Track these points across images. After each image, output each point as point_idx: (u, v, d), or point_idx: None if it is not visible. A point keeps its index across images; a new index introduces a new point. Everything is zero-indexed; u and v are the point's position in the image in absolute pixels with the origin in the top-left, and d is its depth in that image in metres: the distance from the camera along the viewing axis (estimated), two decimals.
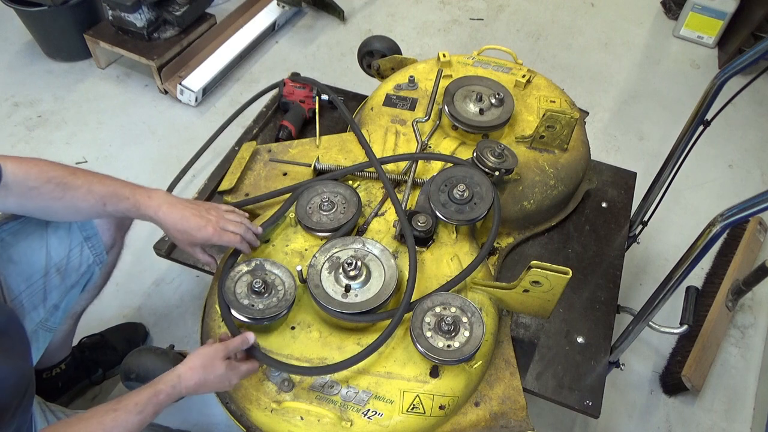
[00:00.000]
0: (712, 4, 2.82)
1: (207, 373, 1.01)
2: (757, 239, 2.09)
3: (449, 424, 1.17)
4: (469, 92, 1.52)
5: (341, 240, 1.24)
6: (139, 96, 2.51)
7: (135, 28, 2.37)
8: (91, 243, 1.27)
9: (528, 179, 1.45)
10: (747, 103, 2.70)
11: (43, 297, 1.20)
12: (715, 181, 2.39)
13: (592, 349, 1.35)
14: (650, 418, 1.75)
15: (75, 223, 1.23)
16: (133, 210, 1.11)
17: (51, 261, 1.21)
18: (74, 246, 1.24)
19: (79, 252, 1.25)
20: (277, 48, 2.80)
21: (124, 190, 1.11)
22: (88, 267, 1.28)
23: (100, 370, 1.63)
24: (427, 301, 1.16)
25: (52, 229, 1.21)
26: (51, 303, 1.22)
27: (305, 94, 1.76)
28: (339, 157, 1.51)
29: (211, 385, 1.03)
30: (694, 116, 1.43)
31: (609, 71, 2.82)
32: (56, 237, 1.21)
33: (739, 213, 0.99)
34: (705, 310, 1.85)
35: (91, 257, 1.28)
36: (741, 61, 1.30)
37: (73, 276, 1.26)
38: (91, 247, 1.27)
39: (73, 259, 1.25)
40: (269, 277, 1.18)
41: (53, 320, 1.24)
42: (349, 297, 1.17)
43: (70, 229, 1.23)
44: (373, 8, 3.05)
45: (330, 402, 1.11)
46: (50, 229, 1.21)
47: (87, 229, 1.25)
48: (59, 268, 1.22)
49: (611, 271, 1.49)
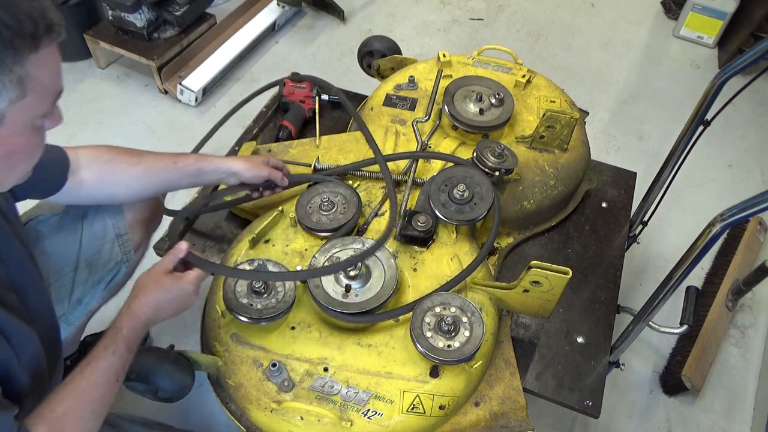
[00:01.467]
0: (712, 4, 2.82)
1: (156, 292, 1.01)
2: (757, 239, 2.09)
3: (449, 424, 1.17)
4: (469, 92, 1.52)
5: (341, 240, 1.24)
6: (139, 96, 2.51)
7: (135, 28, 2.37)
8: (121, 240, 1.29)
9: (528, 179, 1.45)
10: (747, 103, 2.70)
11: (70, 290, 1.22)
12: (715, 181, 2.39)
13: (592, 349, 1.35)
14: (650, 418, 1.75)
15: (109, 220, 1.26)
16: (204, 165, 1.22)
17: (82, 255, 1.23)
18: (106, 242, 1.27)
19: (110, 249, 1.27)
20: (277, 48, 2.80)
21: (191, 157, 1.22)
22: (115, 264, 1.30)
23: None
24: (427, 301, 1.16)
25: (87, 224, 1.24)
26: (75, 297, 1.24)
27: (305, 94, 1.76)
28: (339, 157, 1.51)
29: (167, 303, 1.02)
30: (694, 116, 1.43)
31: (609, 71, 2.82)
32: (90, 232, 1.24)
33: (739, 213, 0.99)
34: (705, 310, 1.85)
35: (120, 254, 1.30)
36: (741, 61, 1.30)
37: (101, 272, 1.28)
38: (121, 244, 1.29)
39: (104, 255, 1.27)
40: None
41: (75, 314, 1.26)
42: (350, 297, 1.17)
43: (105, 225, 1.26)
44: (373, 8, 3.05)
45: (330, 402, 1.11)
46: (86, 223, 1.24)
47: (119, 226, 1.28)
48: (89, 263, 1.24)
49: (611, 271, 1.49)
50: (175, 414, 1.60)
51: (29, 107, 0.76)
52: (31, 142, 0.80)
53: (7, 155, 0.78)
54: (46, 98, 0.78)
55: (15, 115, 0.75)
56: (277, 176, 1.30)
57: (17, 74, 0.72)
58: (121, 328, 0.98)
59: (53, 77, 0.78)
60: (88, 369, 0.93)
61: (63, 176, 1.10)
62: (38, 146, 0.83)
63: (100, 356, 0.95)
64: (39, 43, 0.73)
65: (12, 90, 0.72)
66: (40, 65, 0.74)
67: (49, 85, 0.77)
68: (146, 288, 1.02)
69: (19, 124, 0.76)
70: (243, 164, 1.25)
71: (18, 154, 0.80)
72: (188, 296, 1.05)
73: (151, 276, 1.03)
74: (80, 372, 0.93)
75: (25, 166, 0.83)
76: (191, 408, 1.64)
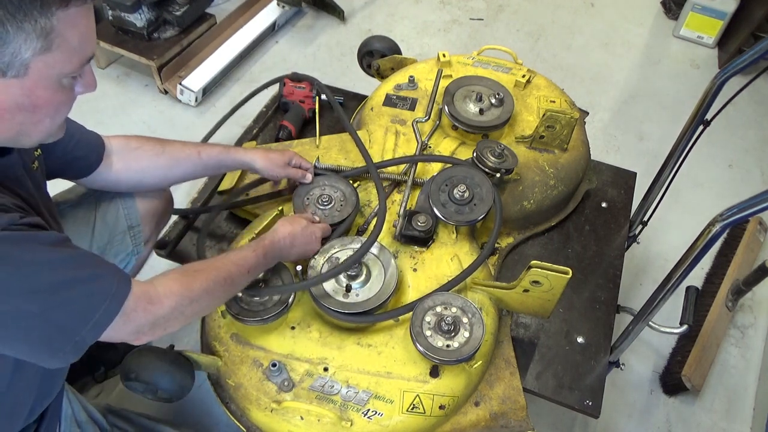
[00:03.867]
0: (712, 4, 2.81)
1: (294, 226, 1.17)
2: (757, 239, 2.09)
3: (449, 423, 1.17)
4: (469, 92, 1.52)
5: (339, 240, 1.24)
6: (139, 96, 2.51)
7: (135, 28, 2.37)
8: (133, 233, 1.30)
9: (528, 179, 1.45)
10: (747, 103, 2.70)
11: None
12: (715, 181, 2.39)
13: (592, 349, 1.35)
14: (650, 418, 1.75)
15: (122, 211, 1.28)
16: (226, 158, 1.28)
17: (94, 244, 1.25)
18: (118, 233, 1.28)
19: (121, 240, 1.29)
20: (277, 48, 2.79)
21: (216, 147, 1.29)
22: (126, 255, 1.31)
23: (103, 368, 1.64)
24: (428, 301, 1.16)
25: (100, 214, 1.25)
26: None
27: (305, 94, 1.76)
28: (339, 157, 1.51)
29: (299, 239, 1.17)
30: (694, 116, 1.43)
31: (609, 71, 2.82)
32: (103, 222, 1.25)
33: (738, 213, 0.99)
34: (705, 310, 1.85)
35: (130, 246, 1.31)
36: (741, 61, 1.30)
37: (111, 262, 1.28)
38: (132, 236, 1.31)
39: (115, 246, 1.28)
40: (268, 276, 1.18)
41: None
42: (350, 297, 1.17)
43: (118, 215, 1.27)
44: (373, 8, 3.05)
45: (330, 402, 1.11)
46: (98, 213, 1.25)
47: (132, 218, 1.30)
48: (101, 252, 1.26)
49: (611, 271, 1.49)
50: (175, 414, 1.60)
51: (55, 63, 0.77)
52: (55, 99, 0.81)
53: (31, 107, 0.79)
54: (74, 58, 0.79)
55: (39, 68, 0.76)
56: (296, 175, 1.34)
57: (42, 25, 0.73)
58: (264, 238, 1.12)
59: (83, 39, 0.79)
60: (230, 252, 1.07)
61: (99, 158, 1.15)
62: (64, 104, 0.84)
63: (242, 248, 1.09)
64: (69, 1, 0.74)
65: (36, 41, 0.73)
66: (69, 23, 0.75)
67: (77, 45, 0.78)
68: (285, 222, 1.18)
69: (44, 78, 0.77)
70: (263, 161, 1.30)
71: (42, 108, 0.81)
72: (315, 240, 1.21)
73: (290, 218, 1.21)
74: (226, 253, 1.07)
75: (51, 123, 0.84)
76: (191, 408, 1.64)
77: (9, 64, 0.74)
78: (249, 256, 1.06)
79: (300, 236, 1.17)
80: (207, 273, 0.98)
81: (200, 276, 0.96)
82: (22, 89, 0.77)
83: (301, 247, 1.18)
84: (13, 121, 0.80)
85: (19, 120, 0.80)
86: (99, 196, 1.27)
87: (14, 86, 0.76)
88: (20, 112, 0.79)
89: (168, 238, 1.49)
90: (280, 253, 1.14)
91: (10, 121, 0.79)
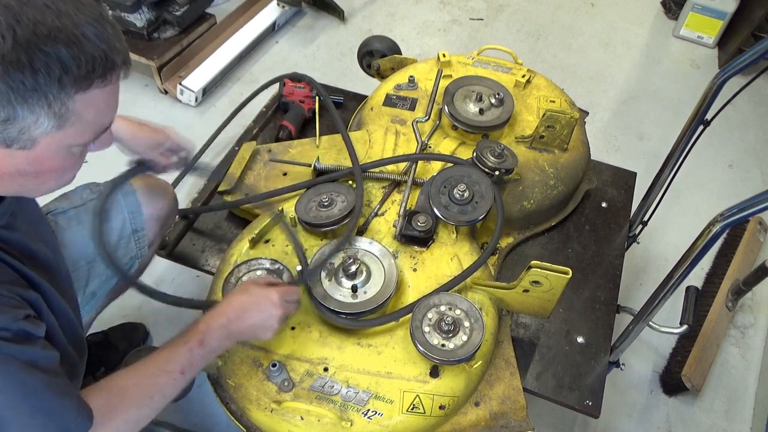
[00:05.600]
0: (712, 4, 2.82)
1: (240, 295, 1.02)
2: (757, 239, 2.09)
3: (449, 424, 1.17)
4: (469, 92, 1.52)
5: (327, 246, 1.24)
6: (139, 96, 2.51)
7: (135, 28, 2.37)
8: (137, 236, 1.30)
9: (528, 179, 1.45)
10: (747, 103, 2.70)
11: (85, 283, 1.22)
12: (715, 181, 2.39)
13: (592, 349, 1.35)
14: (650, 418, 1.75)
15: (127, 215, 1.27)
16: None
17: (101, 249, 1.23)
18: (123, 237, 1.27)
19: (126, 243, 1.28)
20: (277, 48, 2.80)
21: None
22: (130, 259, 1.31)
23: (103, 368, 1.64)
24: (428, 301, 1.16)
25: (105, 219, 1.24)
26: (90, 290, 1.24)
27: (305, 94, 1.76)
28: (339, 157, 1.51)
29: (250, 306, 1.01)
30: (694, 116, 1.43)
31: (609, 71, 2.82)
32: (108, 226, 1.24)
33: (739, 213, 0.99)
34: (705, 310, 1.85)
35: (134, 250, 1.31)
36: (741, 61, 1.30)
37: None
38: (137, 240, 1.30)
39: (120, 250, 1.27)
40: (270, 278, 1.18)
41: (87, 308, 1.26)
42: (358, 296, 1.17)
43: (123, 219, 1.26)
44: (373, 8, 3.05)
45: (330, 402, 1.11)
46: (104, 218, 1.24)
47: (136, 222, 1.29)
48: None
49: (611, 271, 1.49)
50: (175, 414, 1.60)
51: (66, 138, 0.74)
52: (63, 165, 0.79)
53: (35, 173, 0.77)
54: (88, 132, 0.76)
55: (48, 143, 0.73)
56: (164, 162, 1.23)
57: (56, 109, 0.70)
58: (199, 322, 0.98)
59: (100, 115, 0.76)
60: (158, 355, 0.94)
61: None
62: (72, 167, 0.81)
63: (171, 345, 0.95)
64: (91, 84, 0.71)
65: (47, 122, 0.71)
66: (88, 103, 0.72)
67: (93, 121, 0.75)
68: (233, 292, 1.05)
69: (52, 150, 0.75)
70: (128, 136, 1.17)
71: (47, 173, 0.79)
72: (272, 303, 1.02)
73: (240, 287, 1.06)
74: (150, 356, 0.93)
75: (57, 183, 0.82)
76: (191, 408, 1.64)
77: (15, 139, 0.71)
78: (180, 354, 0.94)
79: (248, 302, 1.01)
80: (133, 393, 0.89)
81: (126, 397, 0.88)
82: (27, 159, 0.74)
83: (255, 314, 1.01)
84: (12, 182, 0.77)
85: (19, 182, 0.78)
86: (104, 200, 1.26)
87: (19, 156, 0.73)
88: (22, 177, 0.77)
89: (168, 238, 1.49)
90: (227, 332, 0.98)
91: (9, 183, 0.77)
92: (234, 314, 1.00)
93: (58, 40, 0.67)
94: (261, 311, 1.02)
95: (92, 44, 0.70)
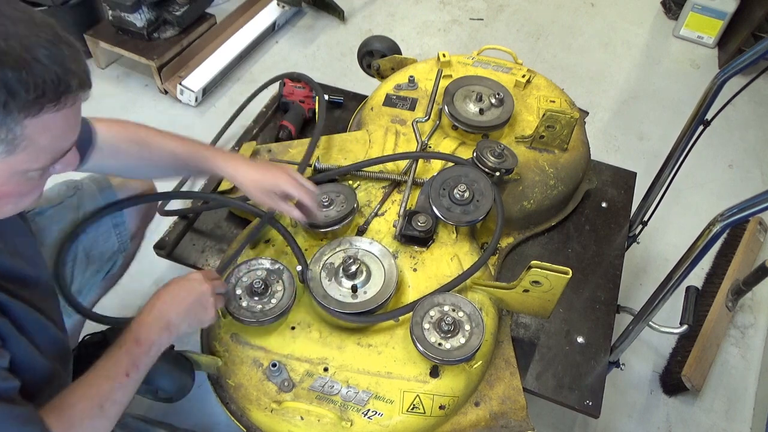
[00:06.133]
0: (712, 4, 2.82)
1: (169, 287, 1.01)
2: (757, 239, 2.09)
3: (449, 424, 1.17)
4: (469, 92, 1.52)
5: (328, 246, 1.24)
6: (139, 96, 2.51)
7: (135, 28, 2.37)
8: (118, 230, 1.30)
9: (528, 179, 1.45)
10: (747, 103, 2.70)
11: (70, 281, 1.22)
12: (715, 181, 2.39)
13: (592, 349, 1.35)
14: (650, 418, 1.75)
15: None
16: (211, 169, 1.19)
17: (80, 245, 1.23)
18: (104, 232, 1.27)
19: (107, 238, 1.28)
20: (277, 48, 2.80)
21: (204, 151, 1.17)
22: (112, 254, 1.31)
23: None
24: (428, 301, 1.16)
25: (83, 215, 1.24)
26: (75, 288, 1.24)
27: (305, 94, 1.76)
28: (339, 157, 1.51)
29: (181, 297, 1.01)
30: (694, 116, 1.43)
31: (609, 71, 2.82)
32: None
33: (739, 213, 0.99)
34: (705, 310, 1.85)
35: (116, 244, 1.30)
36: (741, 61, 1.30)
37: (99, 262, 1.29)
38: (118, 234, 1.30)
39: (100, 244, 1.27)
40: (270, 278, 1.18)
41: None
42: (358, 296, 1.17)
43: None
44: (373, 8, 3.05)
45: (330, 402, 1.11)
46: (81, 214, 1.24)
47: (116, 216, 1.28)
48: (87, 253, 1.25)
49: (611, 271, 1.49)
50: (175, 414, 1.60)
51: (18, 164, 0.71)
52: (19, 191, 0.76)
53: None
54: (43, 156, 0.73)
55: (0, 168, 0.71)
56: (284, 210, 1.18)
57: (2, 135, 0.67)
58: (132, 322, 0.97)
59: (57, 139, 0.74)
60: (97, 364, 0.92)
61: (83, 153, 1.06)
62: (31, 191, 0.79)
63: (108, 351, 0.94)
64: (41, 108, 0.68)
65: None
66: (40, 128, 0.70)
67: (48, 145, 0.73)
68: (162, 288, 1.03)
69: (5, 176, 0.72)
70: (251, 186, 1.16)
71: (3, 198, 0.76)
72: (196, 281, 1.03)
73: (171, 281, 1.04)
74: (92, 367, 0.91)
75: (15, 207, 0.80)
76: (191, 408, 1.64)
77: None
78: (118, 357, 0.92)
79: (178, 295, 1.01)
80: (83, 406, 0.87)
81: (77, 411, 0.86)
82: None
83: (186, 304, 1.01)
84: None
85: None
86: (81, 196, 1.25)
87: None
88: None
89: (168, 238, 1.49)
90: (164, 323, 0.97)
91: None
92: (164, 304, 0.99)
93: (4, 63, 0.65)
94: (190, 291, 1.02)
95: (43, 67, 0.67)
